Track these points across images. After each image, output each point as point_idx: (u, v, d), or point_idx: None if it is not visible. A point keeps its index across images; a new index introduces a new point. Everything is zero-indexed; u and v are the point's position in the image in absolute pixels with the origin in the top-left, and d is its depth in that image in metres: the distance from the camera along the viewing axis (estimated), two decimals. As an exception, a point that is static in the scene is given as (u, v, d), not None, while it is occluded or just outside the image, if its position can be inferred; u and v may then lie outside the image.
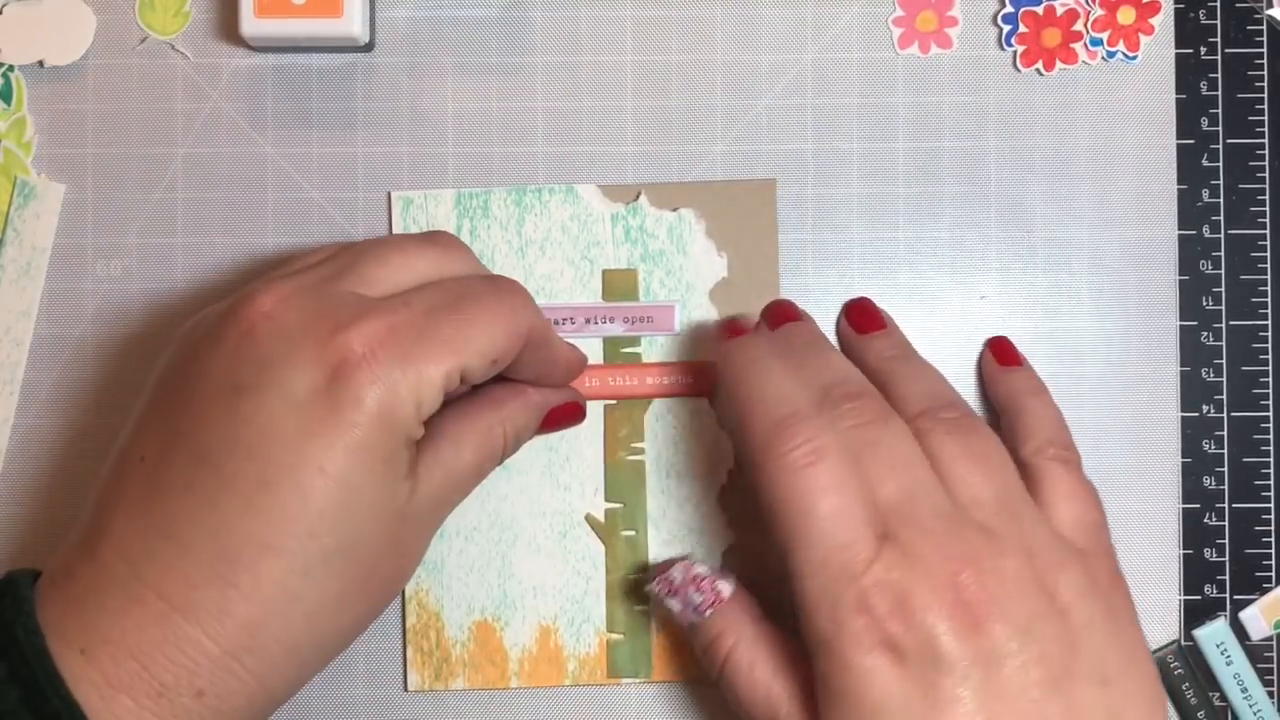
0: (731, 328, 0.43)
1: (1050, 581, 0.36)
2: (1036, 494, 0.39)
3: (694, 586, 0.41)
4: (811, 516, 0.36)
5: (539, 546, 0.44)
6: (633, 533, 0.44)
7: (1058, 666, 0.35)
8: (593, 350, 0.44)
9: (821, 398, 0.39)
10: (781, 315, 0.43)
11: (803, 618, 0.37)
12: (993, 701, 0.35)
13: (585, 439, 0.44)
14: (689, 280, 0.45)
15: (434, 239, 0.39)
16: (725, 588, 0.41)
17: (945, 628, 0.35)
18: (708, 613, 0.40)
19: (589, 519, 0.44)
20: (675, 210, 0.45)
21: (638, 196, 0.45)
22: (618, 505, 0.44)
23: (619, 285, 0.45)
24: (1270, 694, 0.44)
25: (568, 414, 0.43)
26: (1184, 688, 0.44)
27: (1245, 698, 0.44)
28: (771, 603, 0.41)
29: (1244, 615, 0.44)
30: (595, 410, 0.44)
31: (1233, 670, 0.44)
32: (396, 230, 0.44)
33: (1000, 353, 0.44)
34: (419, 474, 0.37)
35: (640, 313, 0.44)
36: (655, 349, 0.44)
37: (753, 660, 0.39)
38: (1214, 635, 0.44)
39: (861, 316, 0.44)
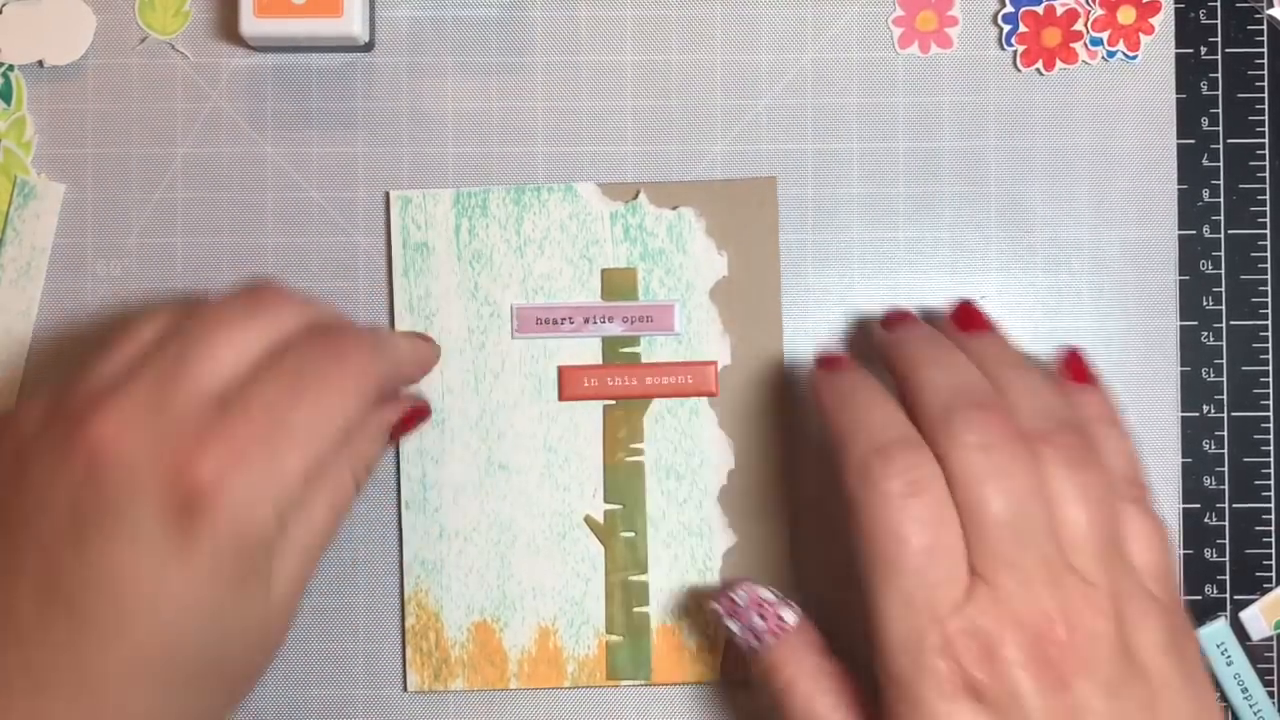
0: (827, 361, 0.41)
1: (1135, 639, 0.35)
2: None
3: (757, 611, 0.40)
4: (903, 550, 0.35)
5: (538, 548, 0.44)
6: (632, 534, 0.44)
7: None
8: (591, 350, 0.44)
9: (950, 401, 0.37)
10: (901, 316, 0.42)
11: (880, 655, 0.35)
12: None
13: (585, 440, 0.44)
14: (689, 279, 0.45)
15: (256, 301, 0.38)
16: (790, 616, 0.40)
17: (1031, 683, 0.34)
18: (768, 639, 0.39)
19: (588, 520, 0.44)
20: (675, 209, 0.45)
21: (637, 195, 0.45)
22: (617, 507, 0.44)
23: (618, 284, 0.45)
24: (1270, 694, 0.44)
25: (413, 419, 0.43)
26: None
27: (1245, 698, 0.44)
28: (830, 635, 0.40)
29: (1244, 615, 0.44)
30: (594, 411, 0.44)
31: (1233, 670, 0.44)
32: (395, 230, 0.44)
33: (1073, 370, 0.41)
34: (274, 566, 0.36)
35: (640, 312, 0.44)
36: (655, 349, 0.44)
37: (811, 693, 0.38)
38: (1214, 635, 0.44)
39: (966, 316, 0.41)
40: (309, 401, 0.36)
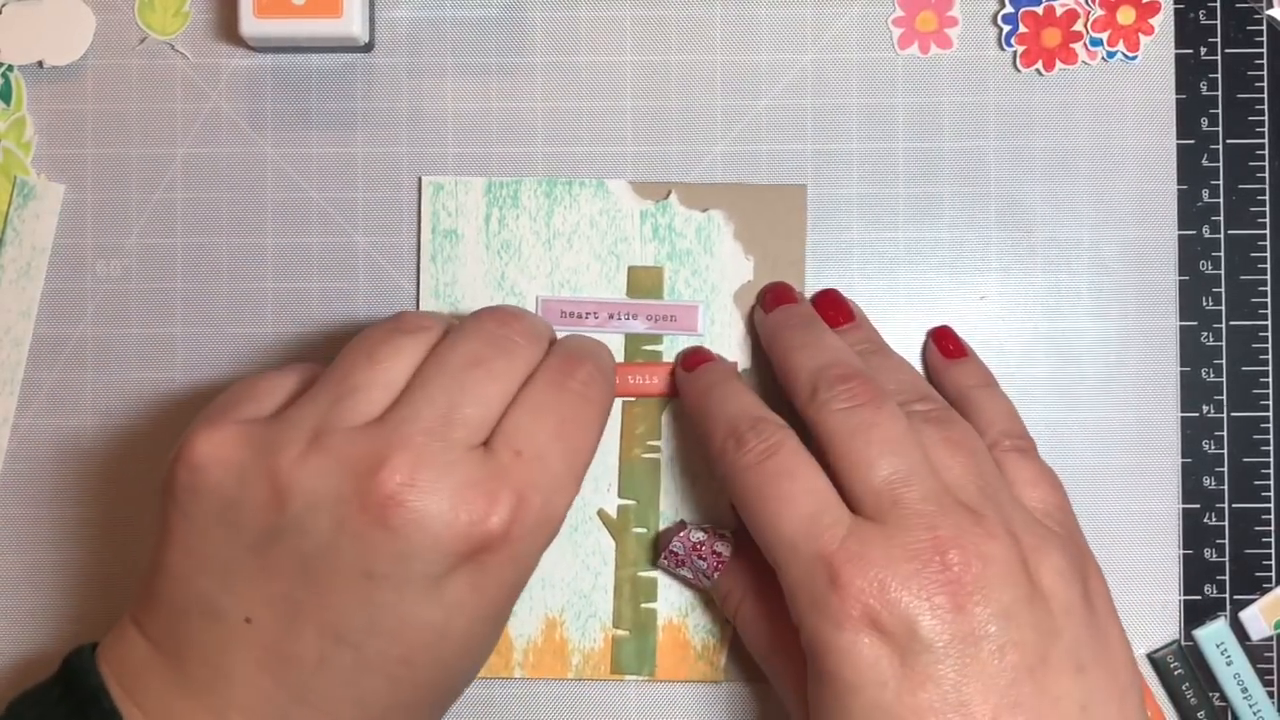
0: (687, 361, 0.44)
1: (1033, 565, 0.36)
2: None
3: (696, 554, 0.42)
4: (771, 505, 0.37)
5: None
6: (644, 530, 0.44)
7: (1035, 653, 0.35)
8: (614, 346, 0.44)
9: (815, 380, 0.39)
10: (779, 297, 0.44)
11: (788, 605, 0.37)
12: (967, 684, 0.34)
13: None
14: (714, 281, 0.45)
15: (507, 340, 0.38)
16: (724, 549, 0.42)
17: (927, 606, 0.34)
18: (715, 575, 0.42)
19: (601, 514, 0.44)
20: (705, 211, 0.45)
21: (668, 195, 0.45)
22: (631, 502, 0.44)
23: (644, 283, 0.45)
24: (1270, 694, 0.44)
25: None
26: (1184, 688, 0.44)
27: (1245, 698, 0.44)
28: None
29: (1244, 615, 0.44)
30: (614, 406, 0.44)
31: (1233, 670, 0.44)
32: (425, 215, 0.44)
33: (944, 345, 0.44)
34: None
35: (664, 311, 0.44)
36: (677, 348, 0.44)
37: (756, 615, 0.41)
38: (1214, 635, 0.44)
39: (830, 308, 0.43)
40: (573, 443, 0.37)
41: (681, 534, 0.43)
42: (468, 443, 0.36)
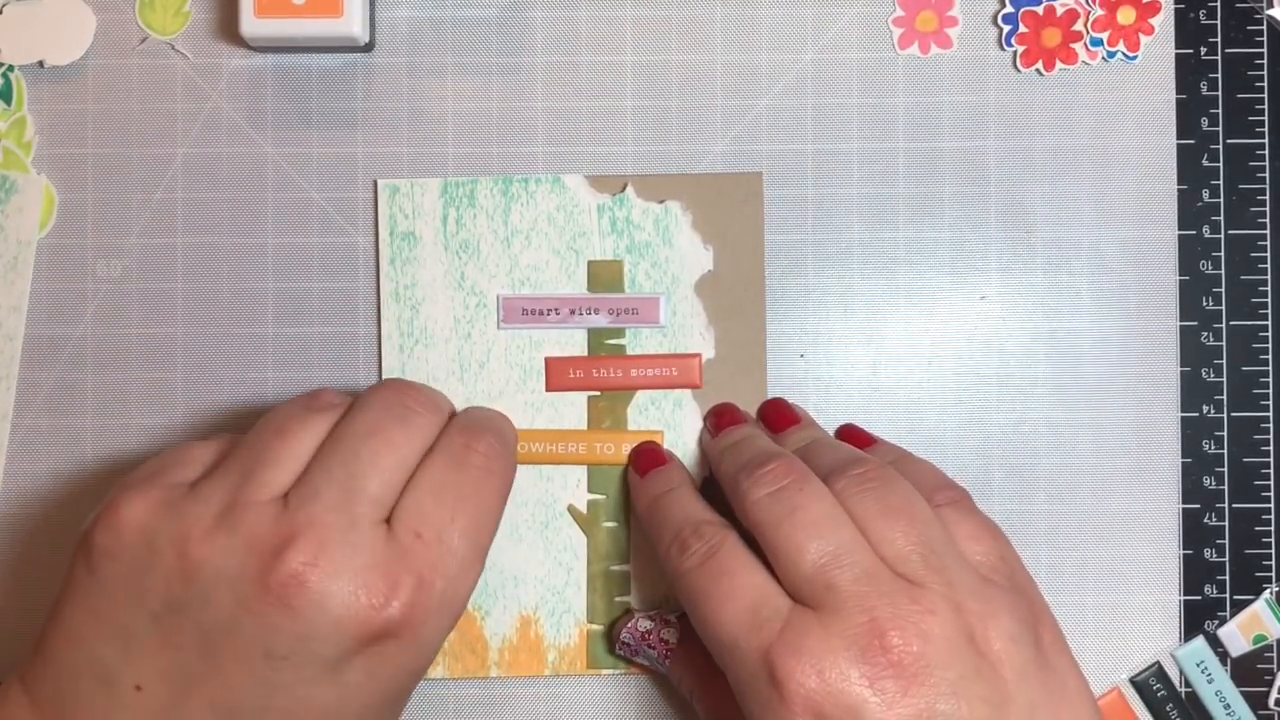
0: (640, 465, 0.44)
1: (980, 634, 0.35)
2: None
3: (645, 643, 0.43)
4: (712, 605, 0.37)
5: (521, 536, 0.44)
6: (614, 524, 0.44)
7: None
8: (577, 341, 0.44)
9: (737, 474, 0.39)
10: (722, 420, 0.44)
11: (739, 702, 0.36)
12: None
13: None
14: (674, 273, 0.45)
15: (403, 409, 0.39)
16: (671, 635, 0.42)
17: (870, 693, 0.34)
18: (666, 663, 0.42)
19: (571, 510, 0.44)
20: (662, 202, 0.45)
21: (624, 188, 0.45)
22: (600, 496, 0.44)
23: (604, 276, 0.45)
24: (1252, 709, 0.44)
25: None
26: (1168, 709, 0.44)
27: (1228, 714, 0.44)
28: None
29: (1222, 633, 0.44)
30: (579, 402, 0.44)
31: (1214, 688, 0.44)
32: (383, 219, 0.44)
33: (855, 438, 0.44)
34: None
35: (625, 304, 0.44)
36: (640, 341, 0.45)
37: (709, 703, 0.41)
38: (1194, 654, 0.44)
39: (774, 415, 0.44)
40: (476, 522, 0.38)
41: (630, 624, 0.43)
42: (369, 518, 0.36)
